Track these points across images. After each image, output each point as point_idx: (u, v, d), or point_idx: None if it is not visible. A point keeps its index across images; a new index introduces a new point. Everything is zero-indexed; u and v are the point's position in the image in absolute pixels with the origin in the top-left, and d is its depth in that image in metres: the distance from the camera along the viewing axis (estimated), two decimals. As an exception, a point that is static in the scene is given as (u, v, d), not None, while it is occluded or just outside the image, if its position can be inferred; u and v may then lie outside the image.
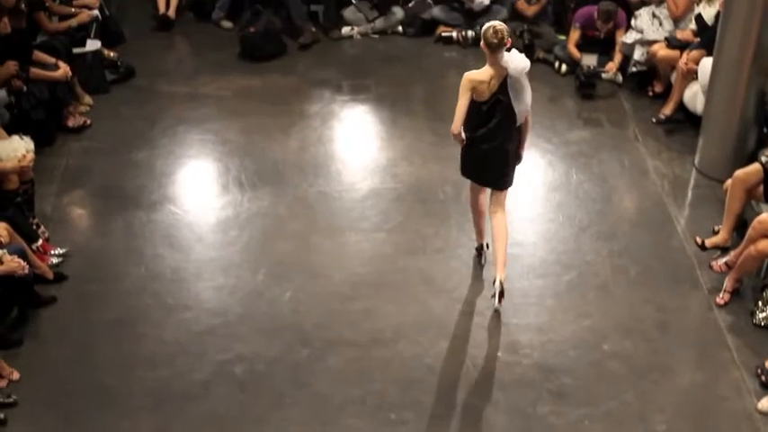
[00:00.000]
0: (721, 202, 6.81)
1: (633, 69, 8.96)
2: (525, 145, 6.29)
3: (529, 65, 5.89)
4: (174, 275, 6.64)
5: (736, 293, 6.35)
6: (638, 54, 8.86)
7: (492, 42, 5.78)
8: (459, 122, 5.94)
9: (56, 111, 8.10)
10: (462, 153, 6.22)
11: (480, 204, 6.43)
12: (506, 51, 5.83)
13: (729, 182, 6.66)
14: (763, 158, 6.57)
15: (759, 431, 5.43)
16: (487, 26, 5.82)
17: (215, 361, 5.91)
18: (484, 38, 5.80)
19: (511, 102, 5.89)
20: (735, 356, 5.93)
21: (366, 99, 9.02)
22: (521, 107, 5.94)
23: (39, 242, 6.58)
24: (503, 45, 5.79)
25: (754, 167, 6.56)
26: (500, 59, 5.82)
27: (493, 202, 6.32)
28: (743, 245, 6.24)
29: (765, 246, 6.05)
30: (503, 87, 5.88)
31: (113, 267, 6.72)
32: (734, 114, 7.34)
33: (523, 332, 6.12)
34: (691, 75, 8.09)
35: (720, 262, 6.53)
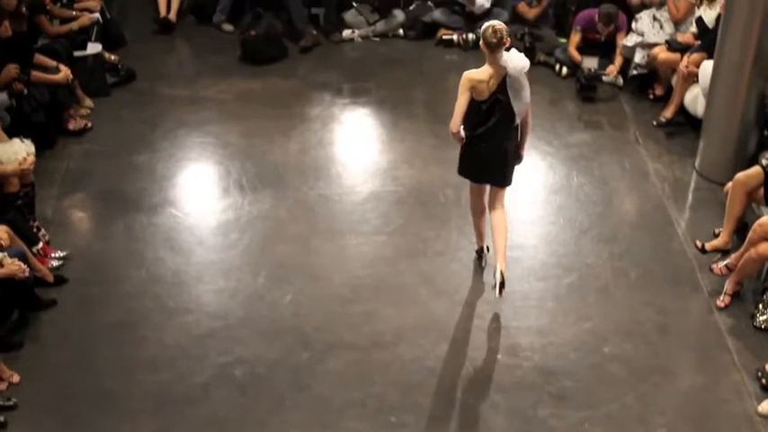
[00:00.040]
0: (722, 205, 6.81)
1: (634, 72, 8.97)
2: (526, 145, 6.29)
3: (528, 64, 5.89)
4: (175, 278, 6.64)
5: (736, 296, 6.35)
6: (638, 57, 8.86)
7: (491, 42, 5.79)
8: (457, 121, 5.95)
9: (56, 114, 8.11)
10: (461, 152, 6.22)
11: (480, 207, 6.43)
12: (506, 51, 5.84)
13: (730, 185, 6.66)
14: (763, 161, 6.58)
15: (759, 434, 5.45)
16: (486, 25, 5.83)
17: (216, 364, 5.91)
18: (483, 37, 5.81)
19: (510, 101, 5.90)
20: (735, 359, 5.93)
21: (367, 102, 9.02)
22: (519, 106, 5.95)
23: (39, 245, 6.58)
24: (502, 44, 5.80)
25: (754, 170, 6.57)
26: (499, 59, 5.83)
27: (492, 199, 6.32)
28: (743, 248, 6.25)
29: (766, 249, 6.05)
30: (502, 87, 5.89)
31: (114, 270, 6.72)
32: (734, 117, 7.34)
33: (524, 335, 6.12)
34: (691, 78, 8.09)
35: (721, 265, 6.53)
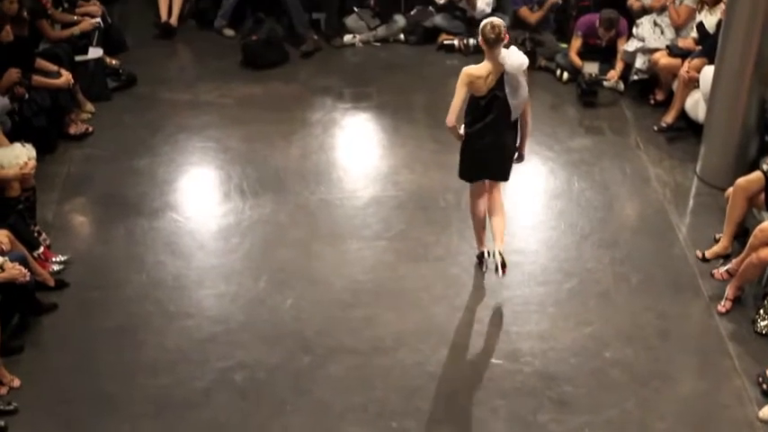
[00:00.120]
0: (723, 211, 6.81)
1: (635, 77, 8.97)
2: (526, 145, 6.30)
3: (527, 62, 5.92)
4: (176, 283, 6.64)
5: (737, 301, 6.35)
6: (639, 62, 8.87)
7: (489, 37, 5.81)
8: (453, 115, 5.97)
9: (58, 118, 8.11)
10: (461, 152, 6.24)
11: (480, 211, 6.43)
12: (504, 48, 5.85)
13: (731, 190, 6.66)
14: (764, 166, 6.57)
15: (760, 439, 5.44)
16: (485, 22, 5.88)
17: (216, 368, 5.91)
18: (482, 33, 5.84)
19: (507, 97, 5.91)
20: (736, 364, 5.92)
21: (368, 107, 9.02)
22: (516, 103, 5.97)
23: (40, 249, 6.58)
24: (500, 40, 5.82)
25: (755, 175, 6.57)
26: (498, 55, 5.84)
27: (490, 187, 6.33)
28: (744, 253, 6.24)
29: (767, 254, 6.05)
30: (499, 83, 5.91)
31: (115, 275, 6.72)
32: (735, 122, 7.34)
33: (524, 340, 6.12)
34: (692, 83, 8.09)
35: (722, 270, 6.52)
